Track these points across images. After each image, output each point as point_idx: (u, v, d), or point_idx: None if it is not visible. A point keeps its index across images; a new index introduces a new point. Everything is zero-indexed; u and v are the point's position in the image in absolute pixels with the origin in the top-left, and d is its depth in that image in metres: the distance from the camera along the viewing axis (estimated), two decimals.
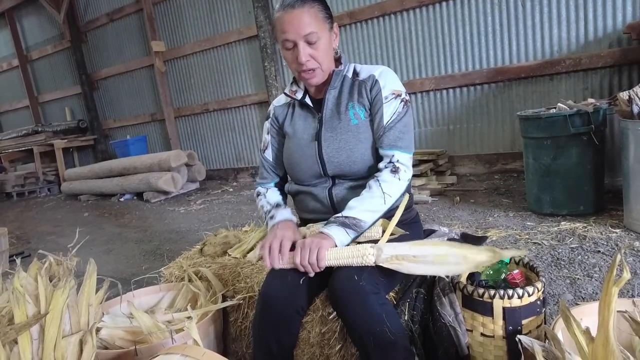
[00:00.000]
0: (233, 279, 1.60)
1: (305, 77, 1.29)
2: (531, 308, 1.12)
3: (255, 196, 1.55)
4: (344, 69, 1.36)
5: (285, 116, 1.45)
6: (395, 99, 1.30)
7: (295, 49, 1.24)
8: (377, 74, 1.32)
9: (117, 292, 1.47)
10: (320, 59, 1.26)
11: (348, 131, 1.31)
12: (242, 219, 3.73)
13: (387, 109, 1.29)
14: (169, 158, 5.35)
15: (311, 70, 1.27)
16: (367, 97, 1.32)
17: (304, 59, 1.24)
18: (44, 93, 8.57)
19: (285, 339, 1.23)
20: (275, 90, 5.14)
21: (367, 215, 1.22)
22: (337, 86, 1.35)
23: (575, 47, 3.53)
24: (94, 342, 1.12)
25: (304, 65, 1.25)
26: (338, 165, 1.32)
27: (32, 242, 4.09)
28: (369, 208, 1.22)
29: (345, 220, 1.20)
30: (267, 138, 1.49)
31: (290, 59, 1.27)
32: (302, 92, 1.40)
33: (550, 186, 2.62)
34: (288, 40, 1.23)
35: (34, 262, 1.23)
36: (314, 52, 1.25)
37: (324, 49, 1.27)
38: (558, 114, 2.51)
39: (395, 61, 4.41)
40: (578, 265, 2.01)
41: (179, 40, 6.15)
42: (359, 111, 1.32)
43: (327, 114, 1.35)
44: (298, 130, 1.39)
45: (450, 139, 4.27)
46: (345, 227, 1.19)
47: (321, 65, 1.28)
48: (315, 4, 1.25)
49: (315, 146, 1.34)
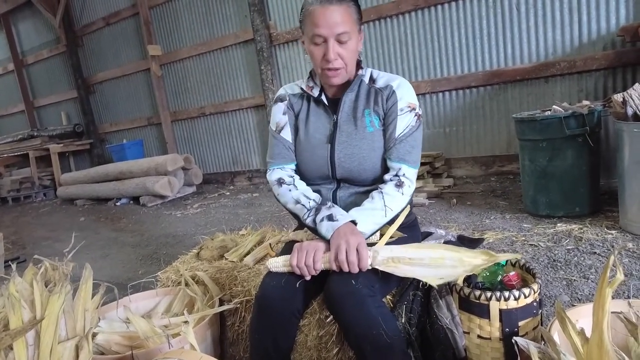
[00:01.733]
0: (230, 283, 1.60)
1: (329, 74, 1.26)
2: (527, 310, 1.12)
3: (277, 184, 1.35)
4: (364, 74, 1.35)
5: (301, 108, 1.40)
6: (410, 112, 1.29)
7: (324, 45, 1.22)
8: (395, 85, 1.31)
9: (114, 296, 1.47)
10: (347, 59, 1.25)
11: (363, 138, 1.30)
12: (238, 222, 3.72)
13: (401, 121, 1.28)
14: (166, 162, 5.34)
15: (336, 69, 1.25)
16: (383, 107, 1.31)
17: (333, 56, 1.22)
18: (40, 97, 8.55)
19: (282, 342, 1.23)
20: (271, 94, 5.14)
21: (369, 227, 1.21)
22: (354, 89, 1.34)
23: (569, 50, 3.56)
24: (90, 347, 1.11)
25: (331, 63, 1.23)
26: (348, 171, 1.31)
27: (28, 247, 4.07)
28: (371, 220, 1.21)
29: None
30: (284, 118, 1.40)
31: (317, 54, 1.25)
32: (318, 89, 1.36)
33: (546, 188, 2.64)
34: (319, 35, 1.21)
35: (30, 267, 1.22)
36: (342, 52, 1.23)
37: (352, 50, 1.26)
38: (553, 116, 2.53)
39: (391, 64, 4.43)
40: (574, 267, 2.02)
41: (175, 44, 6.15)
42: (374, 119, 1.31)
43: (342, 117, 1.33)
44: (311, 129, 1.36)
45: (446, 141, 4.28)
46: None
47: (347, 66, 1.26)
48: (352, 4, 1.24)
49: (328, 148, 1.32)
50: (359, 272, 1.13)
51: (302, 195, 1.30)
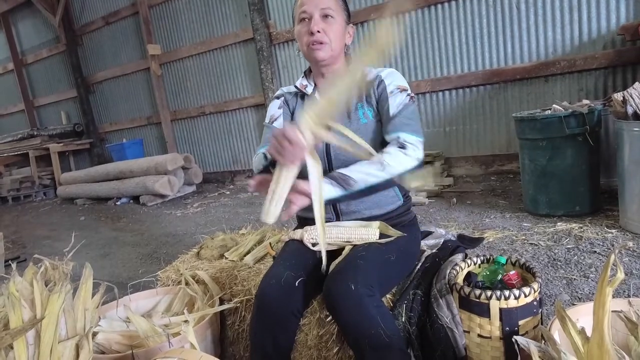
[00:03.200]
0: (230, 282, 1.60)
1: (313, 48, 1.29)
2: (528, 309, 1.12)
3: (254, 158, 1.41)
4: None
5: (295, 106, 1.45)
6: (401, 92, 1.31)
7: (309, 22, 1.27)
8: (384, 75, 1.35)
9: (114, 296, 1.47)
10: (332, 36, 1.28)
11: (357, 129, 1.30)
12: (239, 222, 3.72)
13: (393, 101, 1.30)
14: (166, 161, 5.34)
15: (320, 42, 1.28)
16: (374, 96, 1.34)
17: (316, 28, 1.26)
18: (40, 97, 8.54)
19: (282, 341, 1.23)
20: (271, 93, 5.14)
21: (360, 176, 1.18)
22: None
23: (569, 49, 3.56)
24: (91, 346, 1.11)
25: (314, 36, 1.27)
26: (345, 162, 1.30)
27: (28, 247, 4.07)
28: (364, 169, 1.19)
29: (335, 174, 1.19)
30: (278, 112, 1.45)
31: (303, 32, 1.30)
32: (312, 87, 1.41)
33: (546, 187, 2.63)
34: (304, 11, 1.27)
35: (30, 267, 1.22)
36: (326, 27, 1.27)
37: (337, 30, 1.29)
38: (553, 115, 2.53)
39: (391, 63, 4.42)
40: (574, 266, 2.02)
41: (175, 44, 6.15)
42: (367, 111, 1.34)
43: None
44: None
45: (446, 140, 4.28)
46: (332, 180, 1.18)
47: (331, 43, 1.29)
48: None
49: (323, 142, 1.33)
50: (357, 272, 1.13)
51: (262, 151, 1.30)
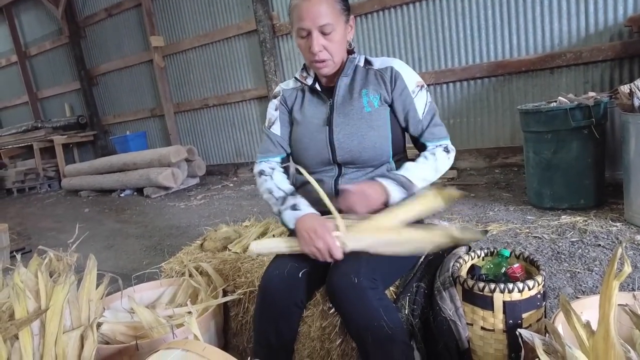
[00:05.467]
0: (233, 274, 1.60)
1: (317, 66, 1.30)
2: (531, 302, 1.12)
3: (257, 175, 1.42)
4: (357, 58, 1.37)
5: (295, 101, 1.42)
6: (421, 90, 1.34)
7: (309, 38, 1.24)
8: (397, 67, 1.33)
9: (118, 287, 1.47)
10: (332, 50, 1.27)
11: (360, 118, 1.30)
12: (242, 214, 3.73)
13: (418, 102, 1.32)
14: (169, 153, 5.34)
15: (323, 60, 1.27)
16: (386, 88, 1.32)
17: (317, 49, 1.24)
18: (43, 89, 8.55)
19: (285, 332, 1.23)
20: (274, 85, 5.11)
21: (419, 182, 1.27)
22: (349, 74, 1.35)
23: (576, 41, 3.52)
24: (95, 337, 1.12)
25: (316, 55, 1.25)
26: (348, 152, 1.31)
27: (33, 238, 4.09)
28: (422, 175, 1.28)
29: (404, 180, 1.24)
30: (275, 114, 1.44)
31: (304, 47, 1.28)
32: (312, 78, 1.39)
33: (550, 180, 2.62)
34: (303, 29, 1.24)
35: (34, 258, 1.23)
36: (327, 44, 1.25)
37: (338, 40, 1.27)
38: (559, 108, 2.50)
39: (395, 55, 4.39)
40: (578, 259, 2.01)
41: (177, 35, 6.13)
42: (372, 99, 1.31)
43: (338, 100, 1.34)
44: (308, 116, 1.37)
45: (450, 133, 4.15)
46: (402, 187, 1.23)
47: (333, 57, 1.28)
48: None
49: (327, 131, 1.32)
50: (360, 264, 1.13)
51: (274, 186, 1.34)
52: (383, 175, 1.27)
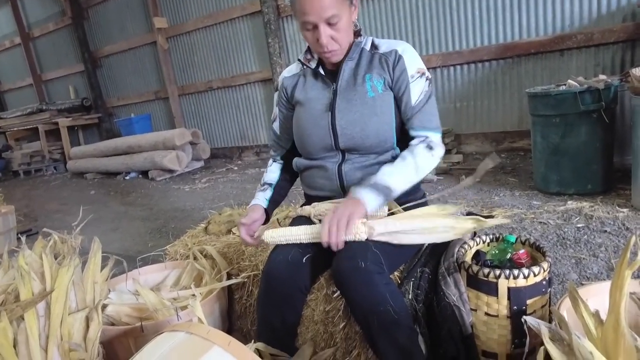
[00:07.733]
0: (237, 257, 1.61)
1: (326, 56, 1.27)
2: (536, 288, 1.11)
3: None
4: (363, 41, 1.33)
5: (296, 84, 1.40)
6: (421, 77, 1.28)
7: (315, 30, 1.21)
8: (401, 50, 1.29)
9: (123, 269, 1.48)
10: (340, 39, 1.23)
11: (364, 103, 1.28)
12: (246, 197, 3.73)
13: (414, 88, 1.26)
14: (174, 136, 5.34)
15: (331, 51, 1.25)
16: (389, 72, 1.29)
17: (325, 41, 1.21)
18: (47, 71, 8.52)
19: (289, 316, 1.24)
20: (279, 68, 5.06)
21: (398, 183, 1.19)
22: (354, 57, 1.32)
23: (587, 22, 3.44)
24: (100, 318, 1.13)
25: (325, 47, 1.22)
26: (351, 138, 1.28)
27: (40, 220, 4.13)
28: (400, 175, 1.20)
29: (375, 183, 1.17)
30: (276, 109, 1.48)
31: (311, 39, 1.25)
32: (316, 61, 1.36)
33: (558, 165, 2.59)
34: (308, 22, 1.19)
35: (39, 240, 1.23)
36: (334, 34, 1.21)
37: (345, 28, 1.24)
38: (568, 91, 2.46)
39: (402, 37, 4.32)
40: (584, 245, 2.00)
41: (181, 17, 6.05)
42: (376, 83, 1.28)
43: (342, 84, 1.31)
44: (311, 100, 1.35)
45: (456, 116, 4.21)
46: (376, 190, 1.16)
47: (341, 46, 1.25)
48: None
49: (329, 117, 1.30)
50: (366, 249, 1.12)
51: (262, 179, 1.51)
52: (359, 184, 1.20)
